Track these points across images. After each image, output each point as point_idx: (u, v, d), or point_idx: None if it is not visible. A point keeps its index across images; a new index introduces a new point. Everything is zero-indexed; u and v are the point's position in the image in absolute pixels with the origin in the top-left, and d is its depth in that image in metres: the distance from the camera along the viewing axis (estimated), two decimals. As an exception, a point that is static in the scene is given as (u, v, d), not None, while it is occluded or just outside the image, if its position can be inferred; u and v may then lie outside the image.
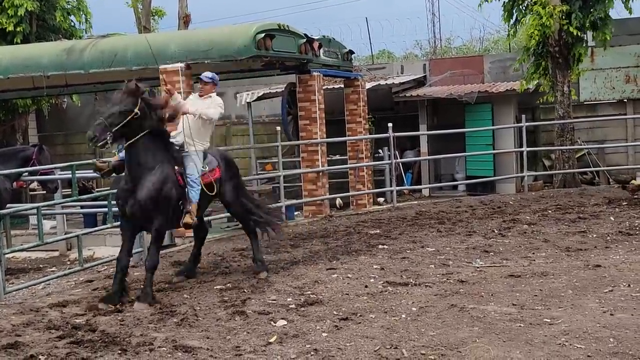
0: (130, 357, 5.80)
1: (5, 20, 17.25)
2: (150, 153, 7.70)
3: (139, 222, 7.91)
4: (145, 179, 7.66)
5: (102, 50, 12.85)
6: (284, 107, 15.24)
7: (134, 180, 7.67)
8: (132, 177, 7.69)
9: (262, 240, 9.37)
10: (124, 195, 7.78)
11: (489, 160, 18.18)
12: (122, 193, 7.85)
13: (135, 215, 7.74)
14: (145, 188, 7.64)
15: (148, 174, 7.67)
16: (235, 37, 12.41)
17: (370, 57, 25.01)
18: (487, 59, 20.61)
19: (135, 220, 7.83)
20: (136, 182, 7.66)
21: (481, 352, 5.55)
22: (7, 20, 17.25)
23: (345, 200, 16.23)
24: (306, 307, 7.11)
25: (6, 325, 6.96)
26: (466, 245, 10.06)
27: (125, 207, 7.74)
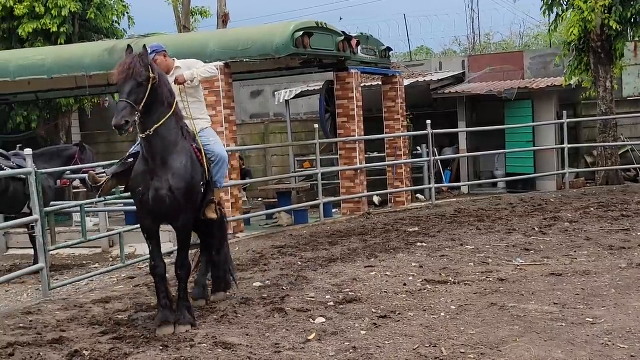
0: (171, 353, 5.87)
1: (49, 21, 17.57)
2: (173, 130, 6.65)
3: (162, 215, 6.70)
4: (173, 160, 6.60)
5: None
6: (321, 105, 15.27)
7: (157, 162, 6.55)
8: (156, 158, 6.54)
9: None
10: (145, 181, 6.59)
11: (530, 157, 17.96)
12: (142, 179, 6.62)
13: (160, 205, 6.56)
14: (174, 170, 6.58)
15: (174, 154, 6.61)
16: (274, 35, 12.47)
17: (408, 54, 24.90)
18: (527, 54, 20.37)
19: (158, 212, 6.64)
20: (160, 164, 6.56)
21: (522, 351, 5.50)
22: (51, 21, 17.57)
23: (383, 197, 16.20)
24: (345, 305, 7.12)
25: (51, 321, 7.11)
26: (506, 243, 9.97)
27: (146, 196, 6.57)
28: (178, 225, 6.82)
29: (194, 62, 7.50)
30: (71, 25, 18.03)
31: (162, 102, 6.54)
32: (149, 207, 6.61)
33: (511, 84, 18.28)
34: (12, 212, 11.01)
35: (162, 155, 6.55)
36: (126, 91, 6.29)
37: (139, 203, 6.70)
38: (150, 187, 6.55)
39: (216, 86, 12.51)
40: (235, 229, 12.63)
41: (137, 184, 6.66)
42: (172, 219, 6.76)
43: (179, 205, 6.62)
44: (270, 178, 17.10)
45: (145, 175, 6.59)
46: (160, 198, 6.54)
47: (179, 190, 6.58)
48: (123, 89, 6.32)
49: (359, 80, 14.70)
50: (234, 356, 5.71)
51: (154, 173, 6.56)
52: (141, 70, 6.35)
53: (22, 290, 9.64)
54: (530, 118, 18.05)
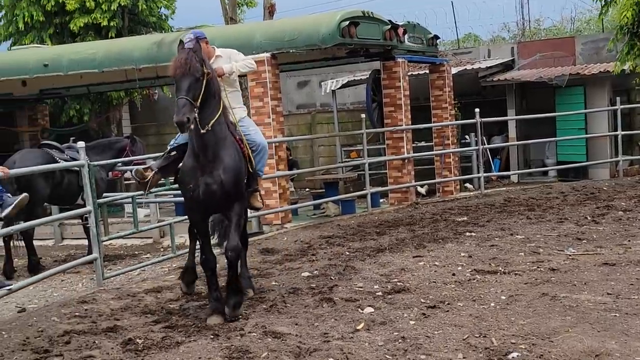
0: (222, 342, 5.95)
1: (99, 16, 17.89)
2: (223, 125, 6.71)
3: (213, 208, 6.81)
4: (224, 154, 6.65)
5: (190, 42, 13.14)
6: (368, 95, 15.21)
7: (208, 157, 6.59)
8: (207, 154, 6.58)
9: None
10: (195, 176, 6.62)
11: (582, 144, 17.65)
12: (192, 174, 6.65)
13: (212, 200, 6.63)
14: (225, 164, 6.63)
15: (224, 148, 6.66)
16: (320, 25, 12.46)
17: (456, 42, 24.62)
18: (578, 40, 19.97)
19: (210, 206, 6.73)
20: (212, 159, 6.61)
21: (574, 342, 5.43)
22: (101, 15, 17.89)
23: (430, 187, 16.10)
24: (393, 295, 7.12)
25: (106, 310, 7.27)
26: (557, 233, 9.83)
27: (197, 191, 6.60)
28: (233, 212, 6.83)
29: (234, 52, 7.47)
30: (120, 19, 18.33)
31: (214, 96, 6.60)
32: (200, 201, 6.64)
33: (562, 70, 17.95)
34: (67, 204, 11.27)
35: (213, 150, 6.59)
36: (184, 87, 6.31)
37: (190, 198, 6.72)
38: (201, 183, 6.58)
39: (263, 77, 12.58)
40: (283, 219, 12.71)
41: (188, 180, 6.67)
42: (226, 208, 6.82)
43: (230, 197, 6.70)
44: (317, 168, 17.13)
45: (195, 171, 6.61)
46: (211, 193, 6.59)
47: (229, 184, 6.63)
48: (181, 86, 6.33)
49: (406, 69, 14.61)
50: (284, 345, 5.76)
51: (205, 168, 6.59)
52: (197, 65, 6.37)
53: (77, 280, 9.87)
54: (582, 105, 17.73)
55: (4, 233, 9.13)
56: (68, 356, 5.78)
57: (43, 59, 14.48)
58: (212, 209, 6.83)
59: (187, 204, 6.88)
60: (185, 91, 6.30)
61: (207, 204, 6.70)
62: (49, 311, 7.31)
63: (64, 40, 18.13)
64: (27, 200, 8.08)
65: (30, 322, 6.88)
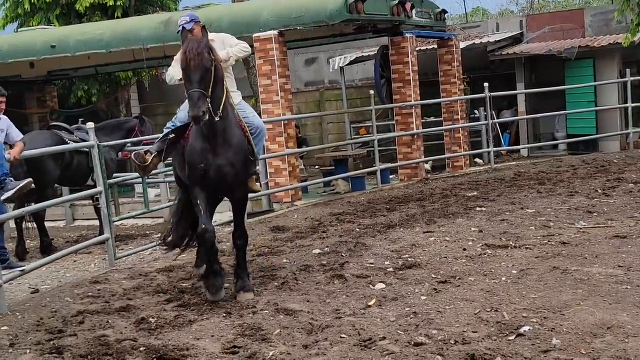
0: (234, 320, 5.98)
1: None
2: (229, 108, 6.71)
3: (222, 189, 6.93)
4: (232, 137, 6.69)
5: (197, 21, 13.09)
6: (377, 71, 15.14)
7: (218, 140, 6.61)
8: (217, 137, 6.60)
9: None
10: (205, 158, 6.63)
11: (592, 117, 17.54)
12: (202, 156, 6.64)
13: (222, 181, 6.71)
14: (234, 147, 6.70)
15: (232, 131, 6.70)
16: (327, 2, 12.38)
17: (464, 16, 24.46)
18: (588, 12, 19.77)
19: (219, 187, 6.82)
20: (222, 142, 6.64)
21: (586, 315, 5.43)
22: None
23: (440, 162, 16.07)
24: (404, 271, 7.13)
25: (118, 290, 7.32)
26: (568, 206, 9.80)
27: (209, 173, 6.63)
28: (238, 197, 6.99)
29: (228, 37, 7.36)
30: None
31: (221, 81, 6.58)
32: (210, 182, 6.68)
33: (571, 43, 17.80)
34: (77, 185, 11.30)
35: (223, 134, 6.62)
36: (196, 80, 6.28)
37: (200, 178, 6.67)
38: (212, 164, 6.61)
39: (271, 55, 12.54)
40: (293, 197, 12.73)
41: (198, 161, 6.64)
42: (232, 192, 6.92)
43: (239, 179, 6.80)
44: (326, 146, 17.11)
45: (205, 153, 6.62)
46: (223, 175, 6.65)
47: (239, 166, 6.73)
48: (192, 78, 6.29)
49: (414, 45, 14.52)
50: (296, 322, 5.79)
51: (215, 151, 6.62)
52: (207, 55, 6.33)
53: (90, 261, 9.92)
54: (591, 78, 17.59)
55: (16, 215, 9.18)
56: (82, 336, 5.83)
57: (50, 40, 14.46)
58: (220, 190, 6.93)
59: (195, 181, 6.77)
60: (198, 83, 6.27)
61: (216, 186, 6.75)
62: (62, 292, 7.37)
63: (71, 21, 18.09)
64: (31, 185, 8.10)
65: (44, 303, 6.94)
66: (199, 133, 6.69)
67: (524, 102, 18.46)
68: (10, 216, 8.80)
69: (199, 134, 6.68)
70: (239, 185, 6.89)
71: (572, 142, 17.33)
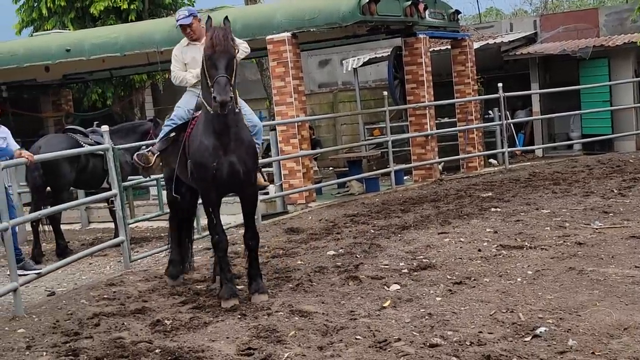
0: (249, 322, 5.99)
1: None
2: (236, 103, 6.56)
3: (234, 187, 6.77)
4: (243, 133, 6.57)
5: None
6: (390, 72, 15.12)
7: (230, 136, 6.46)
8: (230, 133, 6.45)
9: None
10: (218, 156, 6.45)
11: (607, 117, 17.43)
12: (214, 154, 6.46)
13: (235, 178, 6.55)
14: (246, 143, 6.59)
15: (242, 127, 6.59)
16: (340, 3, 12.39)
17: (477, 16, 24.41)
18: (602, 11, 19.65)
19: (232, 185, 6.67)
20: (234, 139, 6.49)
21: (602, 315, 5.40)
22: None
23: (454, 163, 16.02)
24: (419, 272, 7.11)
25: (134, 292, 7.35)
26: (584, 207, 9.74)
27: (221, 170, 6.47)
28: (249, 196, 6.89)
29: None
30: (141, 2, 18.34)
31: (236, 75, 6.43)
32: (223, 180, 6.52)
33: (586, 43, 17.69)
34: (92, 188, 11.36)
35: (235, 129, 6.48)
36: (223, 66, 6.17)
37: (211, 177, 6.51)
38: (224, 162, 6.45)
39: (284, 57, 12.55)
40: (307, 198, 12.73)
41: (210, 160, 6.46)
42: (244, 190, 6.79)
43: (252, 176, 6.71)
44: (340, 147, 17.10)
45: (216, 151, 6.45)
46: (235, 173, 6.50)
47: (251, 162, 6.64)
48: (219, 64, 6.17)
49: (428, 45, 14.49)
50: (311, 324, 5.79)
51: (227, 147, 6.46)
52: (232, 43, 6.29)
53: (105, 263, 9.96)
54: (606, 77, 17.48)
55: (32, 218, 9.24)
56: (98, 338, 5.86)
57: (65, 44, 14.55)
58: (233, 188, 6.82)
59: (206, 182, 6.60)
60: (225, 69, 6.16)
61: (228, 185, 6.64)
62: (78, 294, 7.41)
63: (85, 25, 18.19)
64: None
65: (60, 305, 6.98)
66: (207, 129, 6.49)
67: (538, 102, 18.37)
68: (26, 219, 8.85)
69: (208, 130, 6.49)
70: (252, 183, 6.78)
71: (587, 141, 17.23)
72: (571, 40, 18.62)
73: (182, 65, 7.17)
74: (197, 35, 7.07)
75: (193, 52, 7.07)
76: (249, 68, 20.58)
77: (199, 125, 6.61)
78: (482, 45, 17.69)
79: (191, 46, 7.16)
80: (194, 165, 6.61)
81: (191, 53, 7.10)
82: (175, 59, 7.18)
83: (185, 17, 6.98)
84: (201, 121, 6.60)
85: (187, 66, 7.12)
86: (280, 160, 12.67)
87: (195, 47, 7.04)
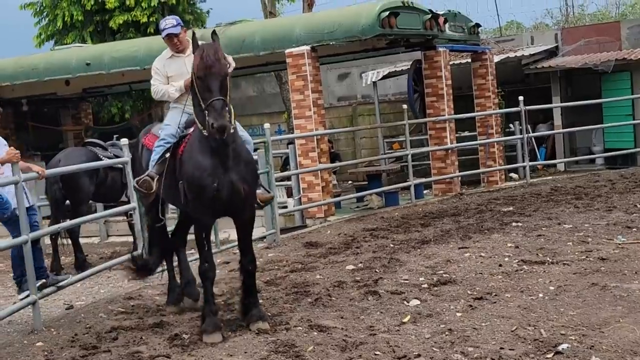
0: (267, 337, 5.94)
1: (139, 13, 18.09)
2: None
3: (235, 208, 6.20)
4: (241, 150, 6.14)
5: (230, 37, 13.16)
6: (410, 85, 15.09)
7: (229, 154, 5.99)
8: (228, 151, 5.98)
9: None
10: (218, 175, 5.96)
11: (629, 131, 17.25)
12: (212, 171, 5.96)
13: (237, 198, 6.07)
14: (245, 159, 6.16)
15: (240, 143, 6.15)
16: (359, 16, 12.39)
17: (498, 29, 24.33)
18: (624, 24, 19.49)
19: (232, 205, 6.14)
20: (233, 156, 6.02)
21: (625, 332, 5.30)
22: (141, 12, 18.08)
23: (475, 177, 15.92)
24: (439, 287, 7.03)
25: (151, 306, 7.33)
26: (606, 221, 9.61)
27: (223, 191, 5.97)
28: (248, 216, 6.36)
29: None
30: (160, 15, 18.48)
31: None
32: (223, 202, 6.03)
33: (608, 56, 17.55)
34: (111, 201, 11.39)
35: (233, 145, 6.02)
36: (217, 87, 5.75)
37: (210, 199, 5.99)
38: (224, 182, 5.96)
39: (303, 70, 12.56)
40: (326, 212, 12.69)
41: (209, 179, 5.95)
42: (244, 211, 6.28)
43: (252, 195, 6.28)
44: (359, 160, 17.05)
45: (215, 170, 5.96)
46: (236, 192, 6.02)
47: (253, 181, 6.27)
48: (213, 85, 5.75)
49: (448, 59, 14.45)
50: (330, 339, 5.73)
51: (226, 166, 5.98)
52: (225, 62, 5.88)
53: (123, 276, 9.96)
54: (629, 90, 17.31)
55: (51, 231, 9.26)
56: (116, 352, 5.83)
57: (85, 58, 14.67)
58: (232, 210, 6.23)
59: (204, 204, 6.09)
60: (219, 91, 5.74)
61: (229, 205, 6.12)
62: (96, 308, 7.41)
63: (105, 38, 18.37)
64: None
65: (78, 319, 6.98)
66: (203, 148, 6.03)
67: (559, 115, 18.23)
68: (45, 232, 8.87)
69: (204, 149, 6.02)
70: (252, 204, 6.34)
71: (609, 156, 17.05)
72: (593, 54, 18.48)
73: (164, 79, 6.76)
74: (183, 46, 6.70)
75: (177, 64, 6.69)
76: (268, 81, 20.64)
77: (193, 145, 6.14)
78: (502, 58, 17.62)
79: (175, 58, 6.75)
80: (189, 187, 6.10)
81: (175, 65, 6.70)
82: (157, 73, 6.80)
83: (173, 26, 6.63)
84: (194, 140, 6.14)
85: (170, 79, 6.72)
86: (299, 173, 12.64)
87: (180, 60, 6.69)
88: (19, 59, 15.61)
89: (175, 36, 6.67)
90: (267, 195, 6.73)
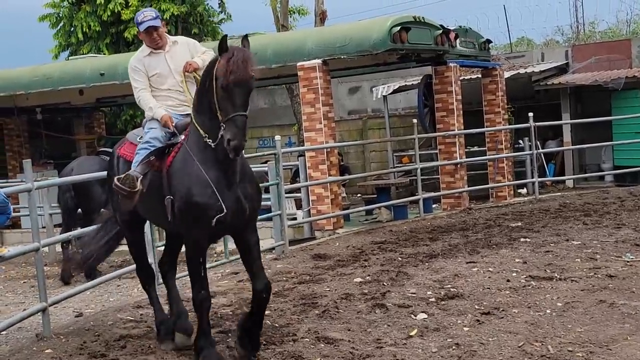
0: (274, 348, 5.97)
1: (152, 25, 18.23)
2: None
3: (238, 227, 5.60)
4: (244, 162, 5.58)
5: (243, 49, 13.28)
6: (420, 99, 15.14)
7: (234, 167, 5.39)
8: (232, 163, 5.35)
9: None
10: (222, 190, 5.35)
11: (639, 149, 17.23)
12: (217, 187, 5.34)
13: (244, 215, 5.49)
14: (249, 173, 5.63)
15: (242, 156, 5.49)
16: (371, 31, 12.47)
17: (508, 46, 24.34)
18: (635, 42, 19.49)
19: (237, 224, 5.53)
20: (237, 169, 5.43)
21: (633, 350, 5.31)
22: (155, 24, 18.22)
23: (484, 192, 15.93)
24: (446, 301, 7.05)
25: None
26: (615, 239, 9.61)
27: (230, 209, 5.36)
28: (255, 238, 5.75)
29: (193, 42, 6.31)
30: (173, 26, 18.63)
31: None
32: (226, 222, 5.41)
33: (618, 74, 17.56)
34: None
35: (240, 159, 5.47)
36: (242, 101, 5.14)
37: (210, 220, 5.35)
38: (230, 199, 5.38)
39: (314, 83, 12.63)
40: (335, 224, 12.73)
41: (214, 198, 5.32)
42: (249, 229, 5.69)
43: (257, 213, 5.76)
44: (369, 174, 17.10)
45: (221, 186, 5.36)
46: (242, 211, 5.46)
47: (258, 197, 5.74)
48: (237, 98, 5.12)
49: (458, 74, 14.50)
50: (336, 351, 5.75)
51: (230, 181, 5.41)
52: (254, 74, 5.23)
53: (133, 285, 10.02)
54: (638, 108, 17.28)
55: (63, 238, 9.34)
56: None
57: (99, 68, 14.79)
58: (235, 231, 5.68)
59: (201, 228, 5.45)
60: (244, 106, 5.13)
61: (231, 226, 5.52)
62: (105, 316, 7.46)
63: (119, 49, 18.51)
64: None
65: (87, 327, 7.03)
66: (206, 160, 5.38)
67: (569, 132, 18.23)
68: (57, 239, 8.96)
69: (208, 162, 5.37)
70: (255, 221, 5.77)
71: (618, 173, 17.04)
72: (603, 71, 18.49)
73: (145, 80, 6.05)
74: (163, 42, 6.05)
75: (157, 62, 6.03)
76: (280, 94, 20.73)
77: (190, 154, 5.47)
78: (513, 74, 17.66)
79: (154, 55, 6.07)
80: (184, 204, 5.42)
81: (155, 64, 6.03)
82: (137, 73, 6.06)
83: (153, 18, 5.95)
84: (192, 149, 5.48)
85: (152, 79, 6.04)
86: (308, 185, 12.70)
87: (160, 56, 6.05)
88: (34, 68, 15.76)
89: (155, 30, 6.00)
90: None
